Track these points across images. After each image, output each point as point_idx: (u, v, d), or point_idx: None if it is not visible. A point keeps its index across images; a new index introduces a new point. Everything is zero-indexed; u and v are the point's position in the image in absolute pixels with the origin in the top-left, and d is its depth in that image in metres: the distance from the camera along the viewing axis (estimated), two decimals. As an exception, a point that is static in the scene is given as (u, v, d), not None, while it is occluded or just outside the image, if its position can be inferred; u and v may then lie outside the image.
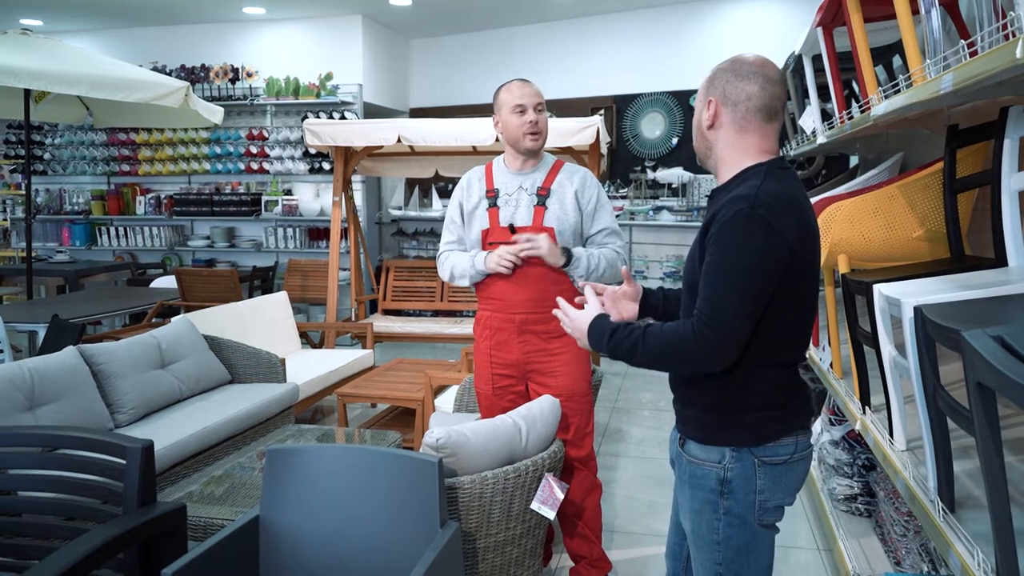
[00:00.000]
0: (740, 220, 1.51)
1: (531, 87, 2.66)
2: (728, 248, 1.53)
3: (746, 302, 1.52)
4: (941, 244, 2.57)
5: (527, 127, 2.61)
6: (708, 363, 1.58)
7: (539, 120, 2.62)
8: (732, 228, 1.52)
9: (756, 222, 1.51)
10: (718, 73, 1.67)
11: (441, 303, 6.75)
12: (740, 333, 1.54)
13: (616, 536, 3.37)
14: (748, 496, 1.63)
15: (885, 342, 2.14)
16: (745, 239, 1.51)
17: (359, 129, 5.60)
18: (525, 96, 2.62)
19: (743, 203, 1.52)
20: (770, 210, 1.51)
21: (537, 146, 2.66)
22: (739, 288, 1.52)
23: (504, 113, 2.65)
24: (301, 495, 2.03)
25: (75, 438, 2.20)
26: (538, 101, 2.64)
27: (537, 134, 2.63)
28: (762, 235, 1.50)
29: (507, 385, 2.72)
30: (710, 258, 1.56)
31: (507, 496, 2.18)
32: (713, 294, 1.54)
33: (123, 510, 2.10)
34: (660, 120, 7.40)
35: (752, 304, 1.53)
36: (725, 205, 1.55)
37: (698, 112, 1.73)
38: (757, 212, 1.51)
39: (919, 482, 1.87)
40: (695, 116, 1.76)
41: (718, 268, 1.54)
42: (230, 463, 3.17)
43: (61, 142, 8.48)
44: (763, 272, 1.52)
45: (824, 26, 3.06)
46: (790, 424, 1.65)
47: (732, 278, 1.52)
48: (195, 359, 4.11)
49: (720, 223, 1.54)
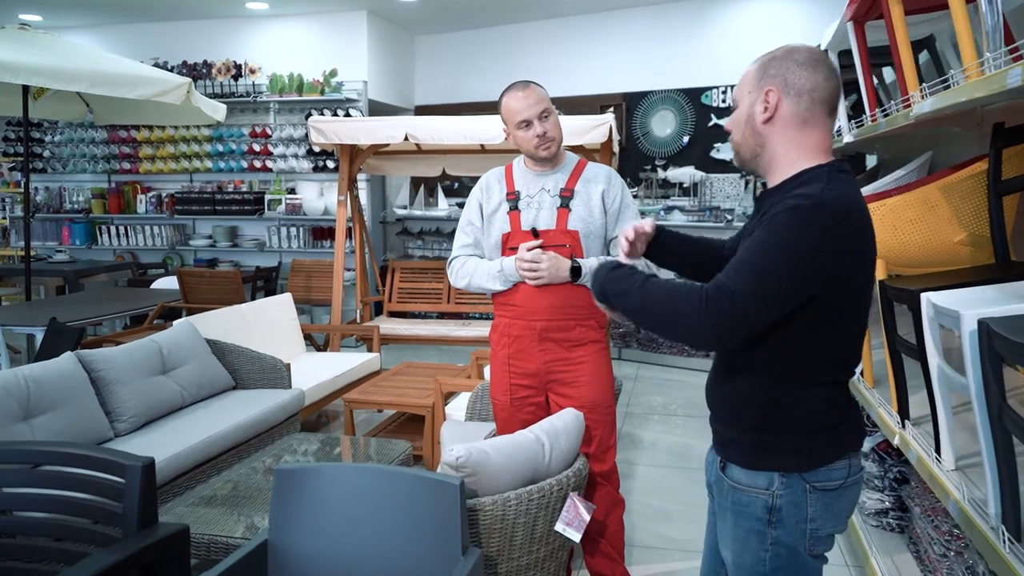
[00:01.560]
0: (799, 213, 1.37)
1: (532, 94, 2.49)
2: (774, 232, 1.39)
3: (770, 290, 1.38)
4: (984, 249, 2.44)
5: (536, 140, 2.48)
6: (702, 333, 1.42)
7: (547, 130, 2.47)
8: (786, 217, 1.38)
9: (814, 221, 1.37)
10: (772, 62, 1.51)
11: (448, 305, 6.62)
12: (751, 318, 1.40)
13: (635, 551, 3.24)
14: (799, 525, 1.50)
15: (933, 354, 2.01)
16: (795, 230, 1.37)
17: (365, 127, 5.47)
18: (527, 109, 2.46)
19: (805, 200, 1.38)
20: (832, 216, 1.37)
21: (552, 154, 2.52)
22: (769, 272, 1.38)
23: (511, 128, 2.53)
24: (312, 518, 1.90)
25: (70, 455, 2.07)
26: (542, 109, 2.47)
27: (549, 143, 2.50)
28: (816, 235, 1.37)
29: (526, 396, 2.59)
30: (750, 240, 1.42)
31: (530, 518, 2.05)
32: (738, 268, 1.41)
33: (122, 532, 1.98)
34: (671, 118, 7.26)
35: (774, 295, 1.39)
36: (783, 208, 1.41)
37: (748, 105, 1.55)
38: (818, 212, 1.37)
39: (976, 506, 1.74)
40: (740, 112, 1.58)
41: (754, 247, 1.40)
42: (234, 474, 3.05)
43: (61, 139, 8.36)
44: (800, 269, 1.38)
45: (856, 20, 2.93)
46: (843, 446, 1.52)
47: (767, 261, 1.38)
48: (197, 364, 3.99)
49: (774, 211, 1.41)
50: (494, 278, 2.53)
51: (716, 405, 1.62)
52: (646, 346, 6.88)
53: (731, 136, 1.63)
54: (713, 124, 7.03)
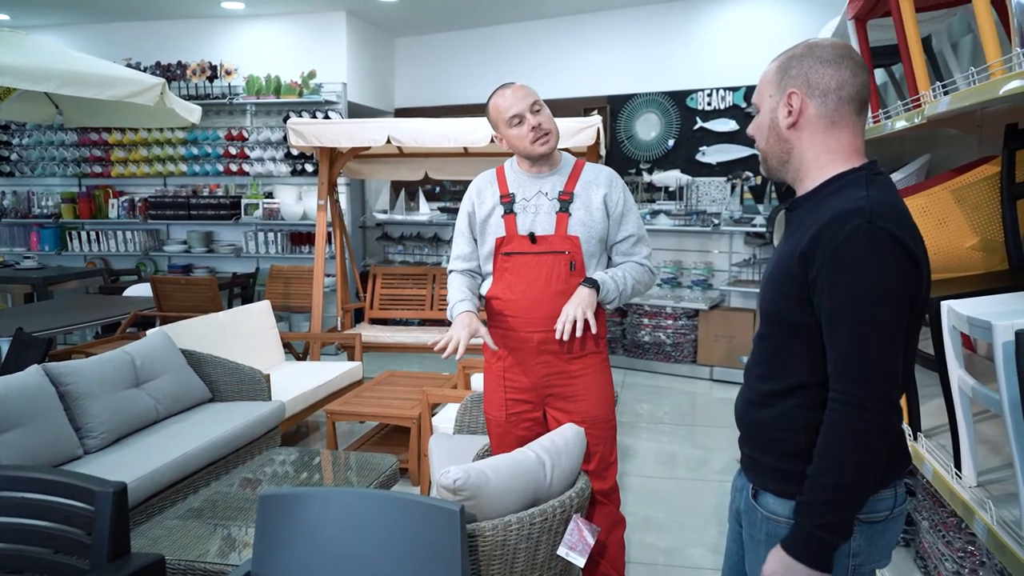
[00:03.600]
0: (860, 238, 1.25)
1: (520, 89, 2.36)
2: (855, 278, 1.26)
3: (895, 341, 1.27)
4: (997, 254, 2.36)
5: (531, 135, 2.33)
6: (882, 435, 1.29)
7: (542, 121, 2.34)
8: (852, 250, 1.26)
9: (881, 238, 1.25)
10: (792, 61, 1.40)
11: (431, 311, 6.48)
12: (893, 377, 1.29)
13: (630, 566, 3.13)
14: (841, 560, 1.37)
15: (954, 366, 1.92)
16: (872, 261, 1.25)
17: (346, 129, 5.33)
18: (516, 103, 2.32)
19: (857, 218, 1.26)
20: (890, 222, 1.26)
21: (550, 148, 2.37)
22: (882, 327, 1.26)
23: (503, 129, 2.39)
24: (300, 548, 1.76)
25: (33, 480, 1.91)
26: (532, 101, 2.34)
27: (546, 135, 2.35)
28: (891, 252, 1.25)
29: (522, 411, 2.45)
30: (830, 296, 1.29)
31: (532, 543, 1.92)
32: (854, 345, 1.28)
33: (91, 564, 1.83)
34: (655, 121, 7.18)
35: (899, 340, 1.28)
36: (831, 223, 1.29)
37: (769, 111, 1.44)
38: (879, 226, 1.25)
39: (1006, 527, 1.64)
40: (762, 117, 1.46)
41: (848, 307, 1.27)
42: (212, 492, 2.90)
43: (29, 142, 8.10)
44: (902, 296, 1.27)
45: (858, 19, 2.84)
46: (889, 473, 1.40)
47: (872, 315, 1.26)
48: (172, 376, 3.82)
49: (833, 246, 1.28)
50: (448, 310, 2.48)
51: (750, 428, 1.50)
52: (632, 352, 6.79)
53: (756, 143, 1.51)
54: (699, 127, 6.95)
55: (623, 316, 6.82)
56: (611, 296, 2.35)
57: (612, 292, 2.35)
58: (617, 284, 2.36)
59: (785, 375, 1.41)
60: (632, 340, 6.78)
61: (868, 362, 1.27)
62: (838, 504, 1.31)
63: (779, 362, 1.43)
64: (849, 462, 1.29)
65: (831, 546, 1.32)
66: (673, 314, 6.55)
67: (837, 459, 1.30)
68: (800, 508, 1.35)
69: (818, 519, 1.31)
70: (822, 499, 1.31)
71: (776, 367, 1.44)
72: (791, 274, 1.35)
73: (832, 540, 1.32)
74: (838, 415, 1.29)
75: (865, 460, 1.29)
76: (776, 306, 1.41)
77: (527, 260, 2.37)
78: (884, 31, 2.98)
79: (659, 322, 6.62)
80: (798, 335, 1.37)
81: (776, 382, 1.43)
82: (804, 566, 1.32)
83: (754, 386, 1.50)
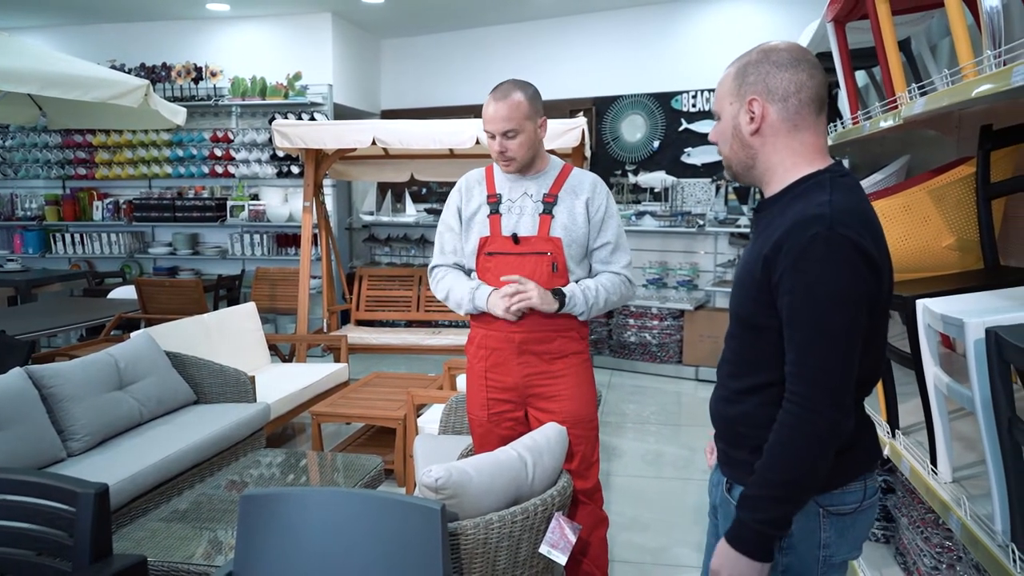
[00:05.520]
0: (819, 245, 1.27)
1: (503, 108, 2.35)
2: (813, 284, 1.28)
3: (851, 346, 1.30)
4: (972, 254, 2.39)
5: (495, 154, 2.41)
6: (829, 439, 1.31)
7: (507, 148, 2.37)
8: (812, 256, 1.28)
9: (838, 243, 1.27)
10: (749, 67, 1.41)
11: (417, 313, 6.47)
12: (846, 378, 1.31)
13: (616, 566, 3.14)
14: (811, 552, 1.40)
15: (930, 363, 1.94)
16: (830, 268, 1.27)
17: (331, 131, 5.32)
18: (491, 123, 2.36)
19: (818, 224, 1.28)
20: (850, 228, 1.28)
21: (511, 170, 2.43)
22: (838, 333, 1.29)
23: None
24: (281, 547, 1.76)
25: (13, 481, 1.91)
26: (506, 128, 2.34)
27: (508, 162, 2.40)
28: (849, 259, 1.27)
29: (504, 411, 2.47)
30: (789, 300, 1.31)
31: (514, 541, 1.94)
32: (809, 350, 1.30)
33: (72, 566, 1.82)
34: (641, 123, 7.21)
35: (857, 345, 1.30)
36: (793, 230, 1.31)
37: (730, 118, 1.45)
38: (837, 232, 1.27)
39: (980, 522, 1.66)
40: (723, 125, 1.47)
41: (805, 312, 1.30)
42: (196, 494, 2.89)
43: (12, 144, 8.05)
44: (859, 302, 1.29)
45: (837, 21, 2.87)
46: (858, 467, 1.43)
47: (829, 320, 1.29)
48: (157, 378, 3.81)
49: (794, 252, 1.30)
50: (460, 305, 2.44)
51: (724, 424, 1.52)
52: (618, 353, 6.82)
53: (719, 149, 1.53)
54: (684, 128, 6.99)
55: (609, 317, 6.85)
56: (578, 310, 2.38)
57: (580, 306, 2.37)
58: (587, 298, 2.38)
59: (752, 373, 1.43)
60: (618, 340, 6.80)
61: (821, 367, 1.30)
62: (780, 500, 1.34)
63: (747, 360, 1.46)
64: (795, 461, 1.32)
65: (772, 539, 1.37)
66: (659, 315, 6.59)
67: (784, 457, 1.33)
68: (743, 502, 1.39)
69: (759, 513, 1.35)
70: (766, 494, 1.35)
71: (744, 365, 1.47)
72: (756, 277, 1.37)
73: (773, 533, 1.37)
74: (789, 415, 1.32)
75: (811, 461, 1.32)
76: (744, 308, 1.43)
77: (509, 260, 2.38)
78: (864, 33, 3.01)
79: (645, 322, 6.65)
80: (763, 335, 1.40)
81: (744, 380, 1.46)
82: (747, 558, 1.36)
83: (725, 383, 1.53)
